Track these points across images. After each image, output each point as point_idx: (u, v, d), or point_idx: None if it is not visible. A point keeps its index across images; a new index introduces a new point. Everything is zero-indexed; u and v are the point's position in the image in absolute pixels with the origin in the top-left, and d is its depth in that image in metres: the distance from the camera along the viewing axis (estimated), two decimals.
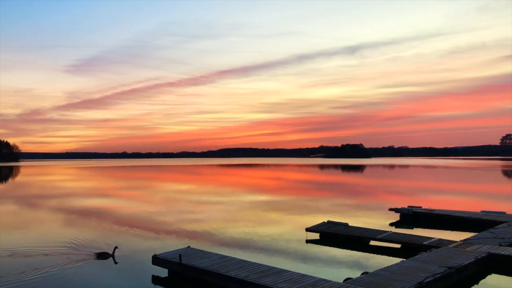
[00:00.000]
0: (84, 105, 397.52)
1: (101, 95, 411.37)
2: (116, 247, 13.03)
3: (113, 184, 50.04)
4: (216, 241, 15.22)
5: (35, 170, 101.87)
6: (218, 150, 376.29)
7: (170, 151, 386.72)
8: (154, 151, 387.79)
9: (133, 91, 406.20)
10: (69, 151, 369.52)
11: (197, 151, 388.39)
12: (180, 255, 10.55)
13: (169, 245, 14.07)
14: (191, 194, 34.84)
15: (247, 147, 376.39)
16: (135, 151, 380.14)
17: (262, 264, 10.11)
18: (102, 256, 12.75)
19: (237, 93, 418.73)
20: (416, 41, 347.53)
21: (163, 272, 10.93)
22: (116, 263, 12.21)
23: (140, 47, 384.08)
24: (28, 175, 76.09)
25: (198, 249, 11.79)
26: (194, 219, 20.54)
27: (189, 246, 12.10)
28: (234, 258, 10.81)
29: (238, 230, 17.56)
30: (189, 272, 10.20)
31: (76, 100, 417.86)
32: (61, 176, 70.57)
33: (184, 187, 43.80)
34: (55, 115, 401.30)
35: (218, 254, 11.18)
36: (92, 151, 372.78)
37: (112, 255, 12.74)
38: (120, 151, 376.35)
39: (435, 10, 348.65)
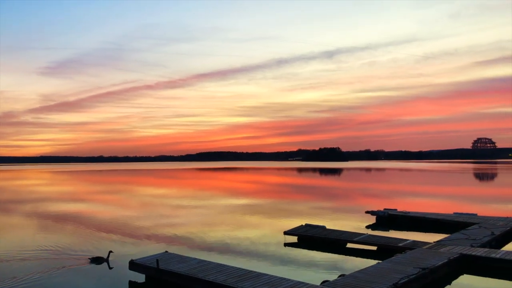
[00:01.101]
0: (59, 108, 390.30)
1: (77, 98, 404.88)
2: (110, 251, 12.87)
3: (89, 188, 49.14)
4: (194, 246, 15.15)
5: (8, 174, 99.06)
6: (196, 153, 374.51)
7: (147, 155, 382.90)
8: (131, 155, 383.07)
9: (109, 94, 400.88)
10: (43, 155, 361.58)
11: (175, 154, 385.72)
12: (157, 260, 10.47)
13: (146, 250, 13.93)
14: (169, 198, 34.55)
15: (226, 150, 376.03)
16: (112, 155, 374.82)
17: (240, 268, 10.14)
18: (96, 260, 12.60)
19: (216, 96, 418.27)
20: (391, 46, 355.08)
21: (140, 278, 10.83)
22: (110, 268, 12.03)
23: (117, 49, 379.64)
24: (1, 179, 73.91)
25: (176, 254, 11.73)
26: (172, 224, 20.39)
27: (166, 251, 12.03)
28: (212, 262, 10.80)
29: (217, 234, 17.52)
30: (166, 277, 10.13)
31: (51, 103, 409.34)
32: (36, 181, 68.86)
33: (162, 191, 43.39)
34: (29, 118, 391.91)
35: (196, 259, 11.14)
36: (68, 155, 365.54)
37: (107, 260, 12.58)
38: (97, 155, 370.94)
39: (410, 16, 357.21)
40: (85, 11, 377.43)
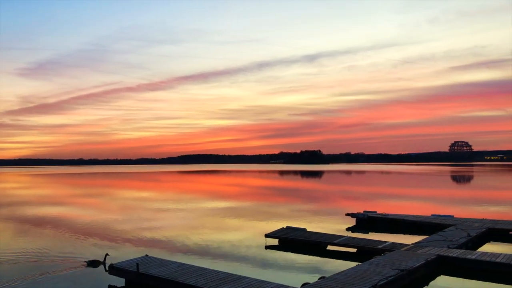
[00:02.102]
0: (38, 110, 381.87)
1: (57, 99, 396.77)
2: (107, 254, 12.65)
3: (69, 191, 48.27)
4: (175, 249, 15.05)
5: None
6: (178, 156, 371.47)
7: (128, 158, 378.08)
8: (112, 158, 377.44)
9: (90, 96, 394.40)
10: (22, 158, 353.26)
11: (156, 157, 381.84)
12: (137, 263, 10.37)
13: (126, 253, 13.77)
14: (150, 201, 34.23)
15: (208, 153, 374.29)
16: (92, 158, 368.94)
17: (221, 271, 10.12)
18: (92, 264, 12.40)
19: (198, 99, 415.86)
20: (371, 51, 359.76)
21: (120, 282, 10.70)
22: (106, 270, 11.83)
23: (98, 51, 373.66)
24: None
25: (156, 258, 11.64)
26: (152, 227, 20.21)
27: (147, 255, 11.91)
28: (193, 265, 10.75)
29: (198, 237, 17.44)
30: (146, 281, 10.04)
31: (30, 105, 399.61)
32: (14, 184, 67.26)
33: (142, 194, 42.94)
34: (7, 120, 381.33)
35: (176, 262, 11.08)
36: (47, 158, 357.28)
37: (103, 263, 12.37)
38: (76, 158, 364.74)
39: (389, 21, 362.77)
40: (66, 12, 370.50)
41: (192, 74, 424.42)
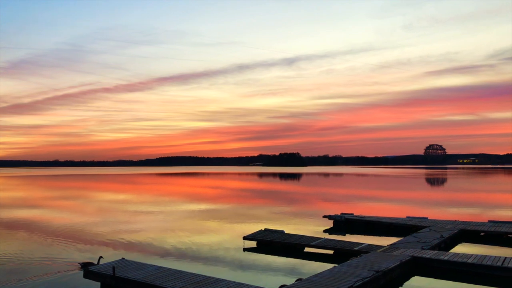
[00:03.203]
0: (12, 110, 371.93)
1: (32, 99, 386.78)
2: (101, 257, 12.40)
3: (43, 194, 47.17)
4: (152, 252, 14.93)
5: None
6: (156, 158, 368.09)
7: (105, 160, 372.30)
8: (88, 160, 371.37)
9: (66, 96, 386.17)
10: None
11: (134, 159, 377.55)
12: (113, 267, 10.25)
13: (102, 257, 13.56)
14: (127, 204, 33.79)
15: (187, 155, 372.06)
16: (68, 159, 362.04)
17: (198, 274, 10.10)
18: (86, 267, 12.08)
19: (177, 100, 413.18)
20: (349, 55, 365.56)
21: (95, 286, 10.54)
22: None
23: (75, 50, 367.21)
24: None
25: (133, 261, 11.52)
26: (129, 230, 19.97)
27: (123, 258, 11.79)
28: (170, 269, 10.69)
29: (176, 240, 17.34)
30: (123, 285, 9.92)
31: (4, 105, 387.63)
32: None
33: (120, 196, 42.33)
34: None
35: (153, 265, 10.99)
36: (21, 159, 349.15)
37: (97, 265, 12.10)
38: (52, 159, 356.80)
39: (366, 27, 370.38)
40: (42, 11, 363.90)
41: (171, 75, 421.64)
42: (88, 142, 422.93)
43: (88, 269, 10.67)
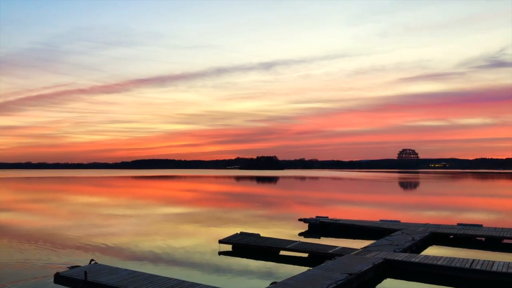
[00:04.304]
0: None
1: (3, 100, 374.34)
2: (92, 260, 12.07)
3: (14, 197, 45.80)
4: (126, 256, 14.71)
5: None
6: (132, 161, 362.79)
7: (79, 162, 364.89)
8: (62, 162, 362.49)
9: (40, 97, 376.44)
10: None
11: (110, 162, 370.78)
12: (85, 271, 10.06)
13: (74, 261, 13.27)
14: (101, 207, 33.19)
15: (164, 158, 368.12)
16: (41, 161, 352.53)
17: (173, 278, 10.03)
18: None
19: (154, 103, 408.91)
20: (325, 60, 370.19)
21: None
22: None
23: (49, 51, 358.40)
24: None
25: (105, 265, 11.34)
26: (103, 233, 19.62)
27: (96, 262, 11.58)
28: (144, 273, 10.58)
29: (150, 243, 17.14)
30: None
31: None
32: None
33: (94, 200, 41.54)
34: None
35: (127, 270, 10.85)
36: None
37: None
38: (24, 161, 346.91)
39: (342, 33, 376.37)
40: (17, 9, 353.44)
41: (148, 77, 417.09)
42: (62, 144, 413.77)
43: (58, 274, 10.44)
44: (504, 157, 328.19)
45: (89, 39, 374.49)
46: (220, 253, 15.27)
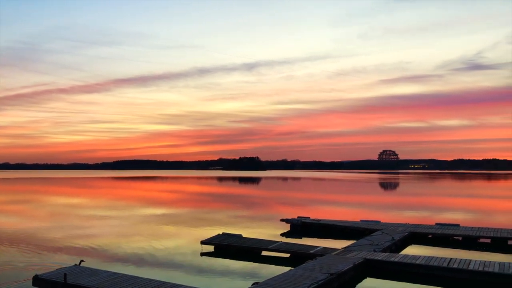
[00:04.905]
0: None
1: None
2: (82, 260, 11.83)
3: None
4: (108, 258, 14.56)
5: None
6: (113, 162, 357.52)
7: (59, 162, 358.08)
8: (42, 162, 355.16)
9: (18, 97, 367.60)
10: None
11: (90, 162, 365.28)
12: (65, 274, 9.92)
13: (54, 263, 13.11)
14: (82, 208, 32.70)
15: (145, 159, 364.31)
16: (19, 162, 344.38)
17: (154, 280, 9.99)
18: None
19: (135, 103, 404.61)
20: (307, 62, 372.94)
21: None
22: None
23: (28, 49, 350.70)
24: None
25: (86, 267, 11.20)
26: (83, 235, 19.35)
27: (76, 264, 11.44)
28: (125, 274, 10.50)
29: (132, 245, 17.00)
30: None
31: None
32: None
33: (74, 201, 40.88)
34: None
35: (108, 271, 10.75)
36: None
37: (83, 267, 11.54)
38: (2, 162, 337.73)
39: (324, 35, 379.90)
40: None
41: (129, 77, 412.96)
42: (41, 144, 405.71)
43: (37, 276, 10.27)
44: (481, 158, 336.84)
45: (70, 38, 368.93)
46: (202, 254, 15.25)
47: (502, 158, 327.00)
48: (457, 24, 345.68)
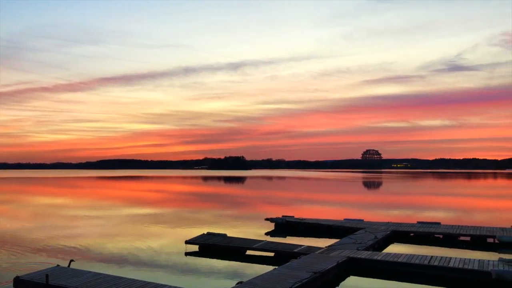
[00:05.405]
0: None
1: None
2: (72, 260, 11.63)
3: None
4: (91, 258, 14.41)
5: None
6: (97, 161, 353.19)
7: (42, 162, 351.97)
8: (24, 162, 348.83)
9: (0, 95, 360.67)
10: None
11: (74, 162, 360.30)
12: (47, 275, 9.80)
13: (36, 264, 12.92)
14: (65, 208, 32.25)
15: (130, 158, 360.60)
16: (1, 161, 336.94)
17: (138, 280, 9.95)
18: None
19: (120, 102, 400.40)
20: (292, 62, 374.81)
21: None
22: None
23: (10, 47, 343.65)
24: None
25: (69, 268, 11.07)
26: (66, 235, 19.10)
27: (58, 265, 11.31)
28: (108, 275, 10.43)
29: (116, 245, 16.85)
30: None
31: None
32: None
33: (57, 201, 40.28)
34: None
35: (91, 272, 10.66)
36: None
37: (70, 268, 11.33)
38: None
39: (309, 36, 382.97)
40: None
41: (114, 76, 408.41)
42: (24, 143, 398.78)
43: (18, 277, 10.12)
44: (461, 158, 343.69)
45: (54, 36, 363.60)
46: (187, 253, 15.22)
47: (481, 158, 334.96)
48: (439, 26, 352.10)
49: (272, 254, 14.57)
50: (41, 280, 9.77)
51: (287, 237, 18.89)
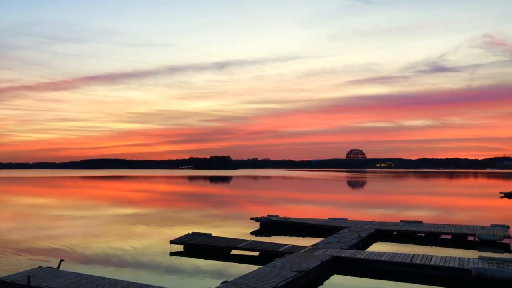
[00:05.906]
0: None
1: None
2: (62, 260, 11.42)
3: None
4: (74, 259, 14.25)
5: None
6: (81, 161, 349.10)
7: (24, 161, 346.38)
8: (5, 161, 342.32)
9: None
10: None
11: (57, 161, 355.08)
12: (29, 276, 9.68)
13: (17, 265, 12.73)
14: (48, 208, 31.79)
15: (114, 158, 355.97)
16: None
17: (122, 280, 9.90)
18: None
19: (104, 101, 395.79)
20: (278, 62, 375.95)
21: None
22: None
23: None
24: None
25: (51, 268, 10.96)
26: (49, 236, 18.85)
27: (40, 266, 11.17)
28: (92, 275, 10.35)
29: (99, 245, 16.70)
30: None
31: None
32: None
33: (39, 201, 39.66)
34: None
35: (74, 273, 10.56)
36: None
37: (58, 269, 11.12)
38: None
39: (294, 36, 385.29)
40: None
41: (98, 74, 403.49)
42: (5, 142, 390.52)
43: None
44: (443, 157, 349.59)
45: (37, 34, 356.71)
46: (172, 253, 15.18)
47: (463, 158, 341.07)
48: (422, 27, 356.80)
49: (257, 253, 14.62)
50: (22, 282, 9.64)
51: (272, 236, 18.97)
